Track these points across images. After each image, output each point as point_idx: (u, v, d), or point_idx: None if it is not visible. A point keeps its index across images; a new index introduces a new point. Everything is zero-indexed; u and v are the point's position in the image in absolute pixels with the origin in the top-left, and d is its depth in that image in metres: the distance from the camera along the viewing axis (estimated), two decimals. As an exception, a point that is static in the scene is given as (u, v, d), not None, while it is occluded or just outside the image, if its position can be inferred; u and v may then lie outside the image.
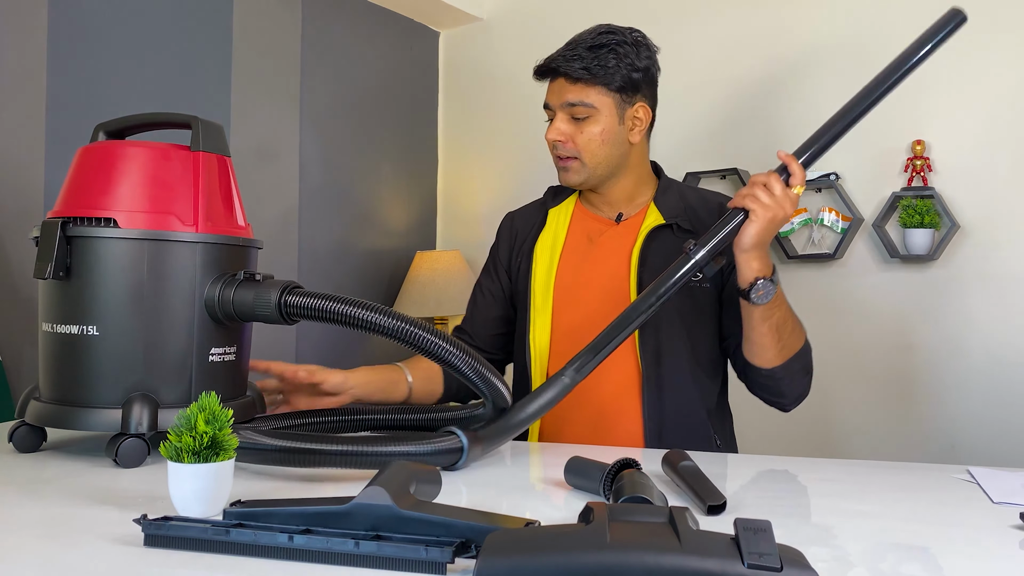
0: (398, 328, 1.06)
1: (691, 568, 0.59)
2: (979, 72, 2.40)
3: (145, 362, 1.08)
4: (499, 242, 1.67)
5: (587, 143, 1.48)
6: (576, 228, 1.57)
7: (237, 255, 1.17)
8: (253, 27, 2.66)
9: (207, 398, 0.82)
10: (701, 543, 0.61)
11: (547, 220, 1.59)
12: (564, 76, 1.47)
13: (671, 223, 1.50)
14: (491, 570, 0.61)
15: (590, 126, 1.48)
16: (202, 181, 1.13)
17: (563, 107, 1.48)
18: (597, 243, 1.53)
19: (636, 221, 1.54)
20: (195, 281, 1.11)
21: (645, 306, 1.25)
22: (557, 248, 1.55)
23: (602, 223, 1.56)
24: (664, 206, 1.53)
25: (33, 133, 2.10)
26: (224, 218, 1.16)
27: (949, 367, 2.43)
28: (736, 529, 0.61)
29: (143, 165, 1.12)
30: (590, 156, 1.49)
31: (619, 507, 0.68)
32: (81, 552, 0.75)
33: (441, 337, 1.08)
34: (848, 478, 1.16)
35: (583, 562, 0.60)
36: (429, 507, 0.73)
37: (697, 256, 1.27)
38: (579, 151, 1.48)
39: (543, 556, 0.62)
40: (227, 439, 0.83)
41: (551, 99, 1.50)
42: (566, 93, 1.47)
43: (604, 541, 0.61)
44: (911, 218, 2.42)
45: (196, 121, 1.16)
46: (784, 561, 0.59)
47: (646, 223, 1.52)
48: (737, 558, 0.59)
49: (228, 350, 1.15)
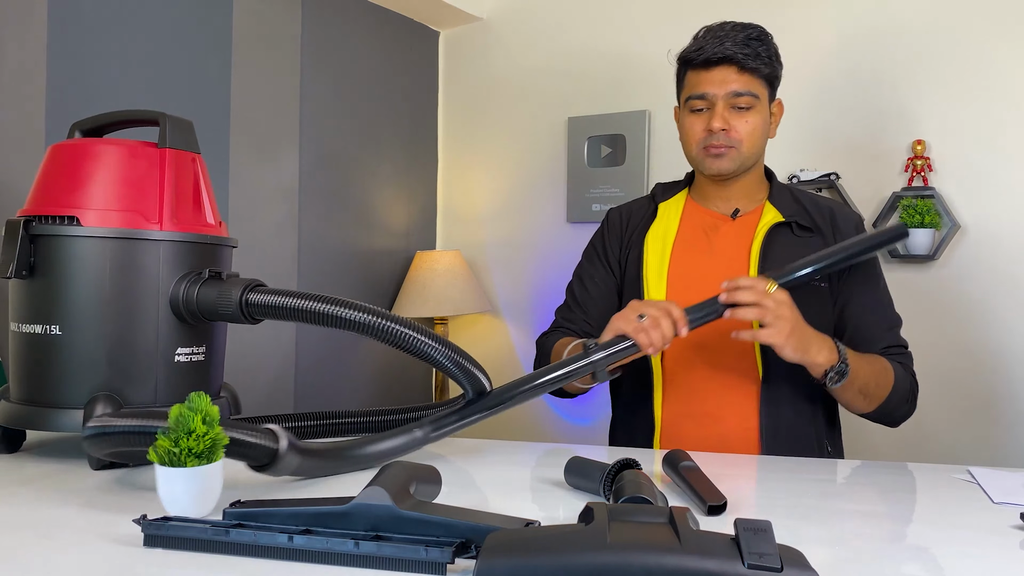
0: (368, 322, 1.04)
1: (691, 568, 0.59)
2: (979, 72, 2.40)
3: (108, 362, 1.07)
4: (607, 233, 1.64)
5: (750, 132, 1.47)
6: (689, 222, 1.56)
7: (205, 253, 1.14)
8: (253, 27, 2.66)
9: (199, 399, 0.81)
10: (701, 543, 0.61)
11: (657, 213, 1.59)
12: (737, 64, 1.45)
13: (790, 221, 1.50)
14: (491, 570, 0.61)
15: (752, 116, 1.47)
16: (168, 178, 1.11)
17: (728, 96, 1.46)
18: (714, 237, 1.53)
19: (753, 218, 1.54)
20: (159, 280, 1.09)
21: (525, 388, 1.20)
22: (669, 239, 1.54)
23: (717, 218, 1.55)
24: (781, 205, 1.53)
25: (33, 133, 2.10)
26: (192, 216, 1.14)
27: (949, 367, 2.43)
28: (736, 529, 0.61)
29: (108, 163, 1.10)
30: (749, 146, 1.48)
31: (619, 507, 0.68)
32: (81, 552, 0.75)
33: (414, 328, 1.05)
34: (848, 478, 1.16)
35: (583, 562, 0.60)
36: (429, 507, 0.73)
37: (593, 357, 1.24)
38: (740, 140, 1.47)
39: (543, 556, 0.62)
40: (220, 438, 0.83)
41: (712, 88, 1.46)
42: (732, 82, 1.45)
43: (604, 541, 0.61)
44: (911, 218, 2.42)
45: (163, 117, 1.14)
46: (784, 561, 0.59)
47: (764, 220, 1.52)
48: (737, 558, 0.59)
49: (196, 350, 1.13)
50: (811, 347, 1.30)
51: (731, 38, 1.46)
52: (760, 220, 1.52)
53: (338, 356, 2.96)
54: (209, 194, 1.19)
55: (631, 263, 1.57)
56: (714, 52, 1.46)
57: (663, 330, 1.25)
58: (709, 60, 1.46)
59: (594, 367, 1.24)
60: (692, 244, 1.54)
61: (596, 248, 1.65)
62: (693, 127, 1.50)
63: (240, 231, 2.49)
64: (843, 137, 2.58)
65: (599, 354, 1.24)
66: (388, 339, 1.05)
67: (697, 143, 1.50)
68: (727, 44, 1.45)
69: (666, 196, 1.61)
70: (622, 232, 1.62)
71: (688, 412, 1.46)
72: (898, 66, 2.50)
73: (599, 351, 1.25)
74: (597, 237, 1.66)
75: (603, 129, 2.94)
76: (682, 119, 1.53)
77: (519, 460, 1.27)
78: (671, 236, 1.55)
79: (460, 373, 1.11)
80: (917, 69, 2.48)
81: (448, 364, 1.09)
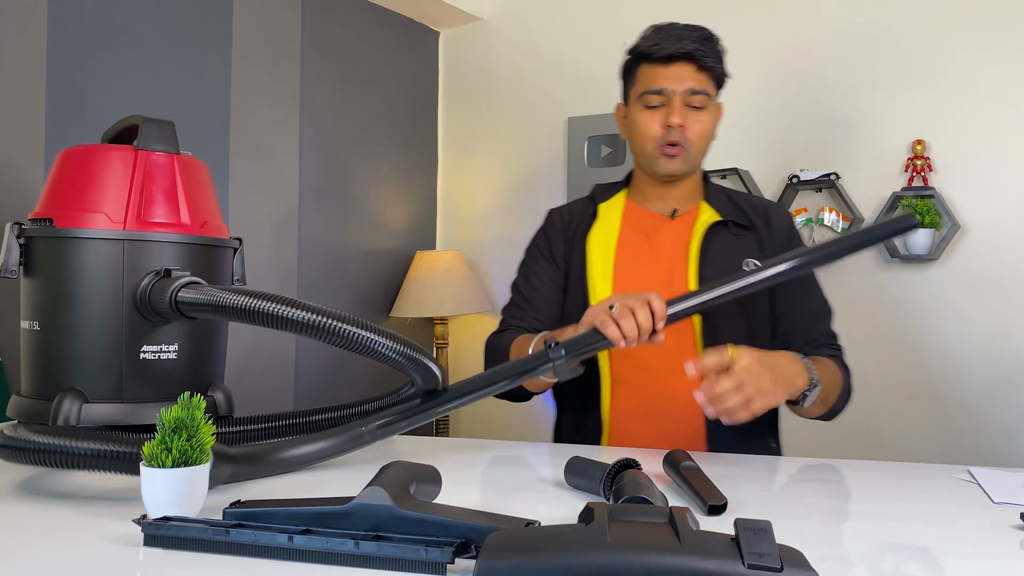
0: (307, 320, 0.98)
1: (691, 568, 0.59)
2: (979, 72, 2.40)
3: (76, 357, 1.10)
4: (550, 231, 1.63)
5: (702, 133, 1.48)
6: (629, 223, 1.56)
7: (171, 252, 1.15)
8: (253, 27, 2.66)
9: (191, 400, 0.81)
10: (701, 543, 0.61)
11: (598, 213, 1.58)
12: (695, 62, 1.45)
13: (727, 220, 1.51)
14: (491, 570, 0.61)
15: (705, 116, 1.48)
16: (136, 179, 1.14)
17: (685, 94, 1.45)
18: (654, 238, 1.53)
19: (690, 218, 1.54)
20: (123, 278, 1.10)
21: (479, 386, 1.17)
22: (611, 241, 1.54)
23: (656, 219, 1.55)
24: (717, 204, 1.54)
25: (33, 133, 2.10)
26: (165, 215, 1.15)
27: (949, 367, 2.43)
28: (736, 529, 0.61)
29: (83, 166, 1.15)
30: (699, 146, 1.49)
31: (619, 507, 0.68)
32: (81, 552, 0.75)
33: (358, 324, 1.01)
34: (848, 478, 1.16)
35: (583, 562, 0.60)
36: (429, 507, 0.73)
37: (555, 358, 1.17)
38: (691, 141, 1.47)
39: (543, 556, 0.61)
40: (207, 440, 0.83)
41: (671, 83, 1.45)
42: (689, 80, 1.45)
43: (604, 541, 0.61)
44: (911, 218, 2.42)
45: (140, 120, 1.18)
46: (784, 561, 0.59)
47: (701, 219, 1.52)
48: (737, 558, 0.59)
49: (166, 348, 1.14)
50: (792, 379, 1.26)
51: (688, 36, 1.45)
52: (697, 220, 1.53)
53: (339, 355, 2.96)
54: (188, 194, 1.19)
55: (574, 264, 1.56)
56: (674, 48, 1.44)
57: (639, 320, 1.19)
58: (670, 56, 1.45)
59: (555, 363, 1.17)
60: (634, 246, 1.53)
61: (540, 246, 1.63)
62: (650, 123, 1.48)
63: (240, 231, 2.49)
64: (843, 137, 2.58)
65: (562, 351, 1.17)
66: (331, 337, 0.99)
67: (653, 140, 1.48)
68: (685, 42, 1.44)
69: (605, 197, 1.60)
70: (564, 231, 1.60)
71: (636, 411, 1.46)
72: (898, 66, 2.50)
73: (564, 348, 1.18)
74: (540, 236, 1.64)
75: (603, 129, 2.94)
76: (635, 115, 1.50)
77: (519, 460, 1.27)
78: (613, 238, 1.54)
79: (412, 367, 1.07)
80: (917, 69, 2.48)
81: (399, 359, 1.05)
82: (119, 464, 0.93)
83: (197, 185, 1.22)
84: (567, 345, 1.19)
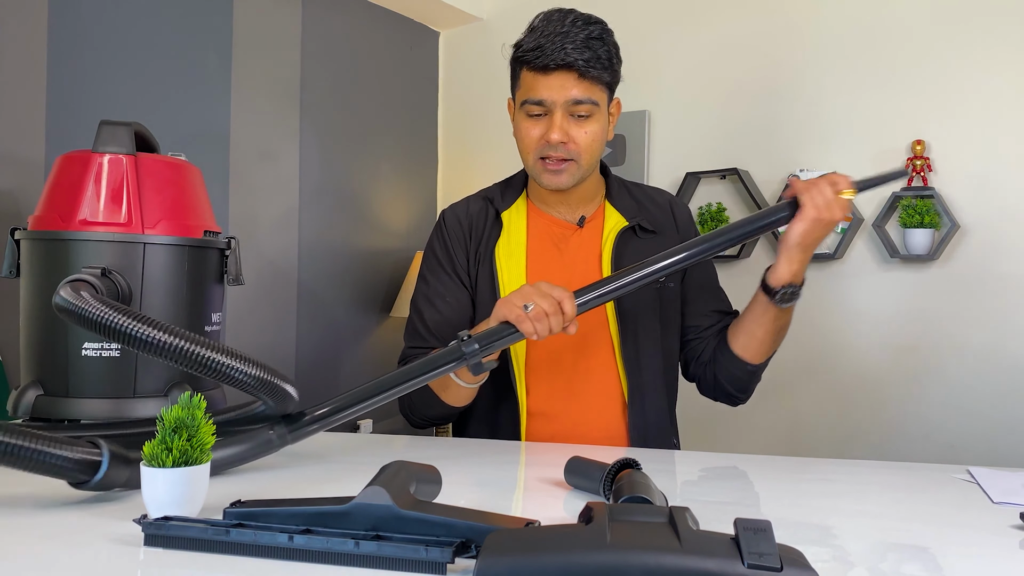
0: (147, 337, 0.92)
1: (691, 568, 0.59)
2: (979, 72, 2.40)
3: (34, 354, 1.18)
4: (450, 241, 1.51)
5: (589, 144, 1.39)
6: (536, 231, 1.49)
7: (112, 252, 1.15)
8: (253, 27, 2.66)
9: (192, 399, 0.81)
10: (701, 543, 0.61)
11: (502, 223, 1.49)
12: (575, 70, 1.34)
13: (633, 224, 1.47)
14: (491, 569, 0.61)
15: (592, 125, 1.38)
16: (86, 181, 1.18)
17: (567, 104, 1.36)
18: (564, 247, 1.48)
19: (597, 224, 1.50)
20: (66, 276, 1.12)
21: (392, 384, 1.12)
22: (520, 253, 1.47)
23: (563, 227, 1.49)
24: (620, 206, 1.50)
25: (33, 133, 2.10)
26: (107, 215, 1.17)
27: (949, 367, 2.43)
28: (736, 529, 0.61)
29: (56, 171, 1.21)
30: (588, 157, 1.40)
31: (619, 507, 0.68)
32: (81, 552, 0.75)
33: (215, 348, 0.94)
34: (848, 478, 1.16)
35: (583, 562, 0.60)
36: (428, 507, 0.73)
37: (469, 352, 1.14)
38: (579, 152, 1.38)
39: (543, 556, 0.62)
40: (207, 440, 0.82)
41: (551, 94, 1.36)
42: (571, 88, 1.35)
43: (604, 541, 0.61)
44: (911, 218, 2.42)
45: (100, 124, 1.22)
46: (784, 561, 0.59)
47: (608, 225, 1.48)
48: (737, 558, 0.59)
49: (106, 346, 1.15)
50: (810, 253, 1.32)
51: (571, 39, 1.33)
52: (604, 226, 1.48)
53: (337, 355, 2.96)
54: (136, 194, 1.19)
55: (482, 279, 1.46)
56: (553, 58, 1.33)
57: (551, 324, 1.17)
58: (547, 66, 1.34)
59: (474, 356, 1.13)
60: (543, 258, 1.47)
61: (440, 260, 1.51)
62: (529, 133, 1.40)
63: (240, 231, 2.49)
64: (843, 137, 2.58)
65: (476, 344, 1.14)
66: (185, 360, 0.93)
67: (534, 152, 1.41)
68: (568, 48, 1.33)
69: (507, 203, 1.51)
70: (466, 240, 1.50)
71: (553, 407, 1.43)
72: (898, 66, 2.50)
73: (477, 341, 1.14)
74: (438, 245, 1.52)
75: (603, 129, 2.94)
76: (518, 121, 1.43)
77: (519, 460, 1.27)
78: (521, 250, 1.46)
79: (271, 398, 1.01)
80: (917, 69, 2.48)
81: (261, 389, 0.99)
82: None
83: (164, 185, 1.22)
84: (480, 338, 1.15)
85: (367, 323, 3.08)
